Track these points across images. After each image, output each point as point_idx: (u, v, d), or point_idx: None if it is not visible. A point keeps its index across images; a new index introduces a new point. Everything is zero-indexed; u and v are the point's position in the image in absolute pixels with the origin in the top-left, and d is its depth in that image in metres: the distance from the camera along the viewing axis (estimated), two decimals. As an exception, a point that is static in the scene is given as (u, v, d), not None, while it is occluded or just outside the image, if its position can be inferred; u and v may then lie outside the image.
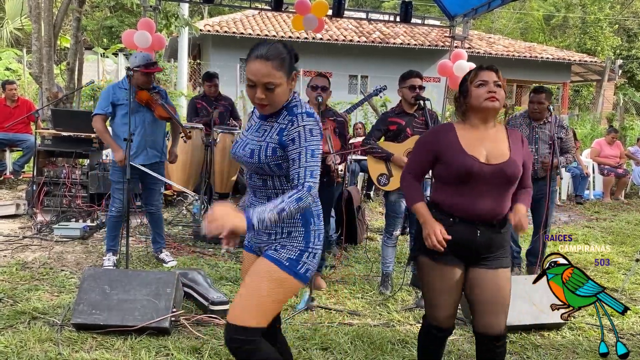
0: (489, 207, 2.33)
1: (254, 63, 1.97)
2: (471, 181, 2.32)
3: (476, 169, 2.30)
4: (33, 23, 7.26)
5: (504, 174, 2.32)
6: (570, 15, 26.36)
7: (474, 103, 2.36)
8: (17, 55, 16.48)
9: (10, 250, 4.82)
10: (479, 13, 7.44)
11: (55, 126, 6.15)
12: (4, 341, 3.01)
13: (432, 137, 2.47)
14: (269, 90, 1.97)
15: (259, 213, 1.89)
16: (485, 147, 2.35)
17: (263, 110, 2.05)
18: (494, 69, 2.37)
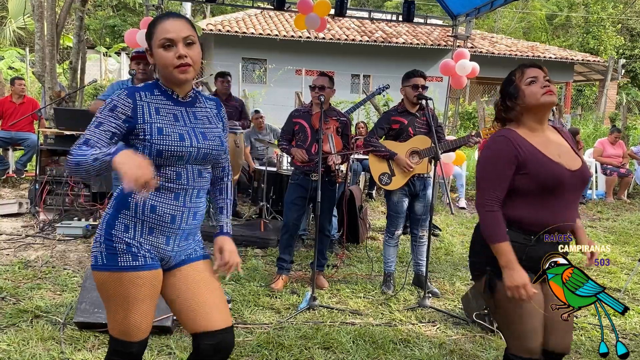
0: (573, 217, 2.16)
1: (167, 22, 1.83)
2: (557, 191, 2.10)
3: (566, 178, 2.10)
4: (36, 22, 7.28)
5: (584, 178, 2.16)
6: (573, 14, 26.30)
7: (531, 101, 2.14)
8: (20, 54, 16.52)
9: (13, 248, 4.83)
10: (481, 12, 7.42)
11: (58, 125, 6.16)
12: (7, 339, 3.02)
13: (509, 147, 2.12)
14: (188, 46, 1.83)
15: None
16: (558, 151, 2.16)
17: (185, 73, 1.84)
18: (538, 66, 2.19)
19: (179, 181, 1.89)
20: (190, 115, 1.95)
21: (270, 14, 17.53)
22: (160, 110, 1.89)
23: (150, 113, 1.86)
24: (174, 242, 1.94)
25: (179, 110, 1.93)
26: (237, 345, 3.13)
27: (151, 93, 1.90)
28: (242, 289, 4.09)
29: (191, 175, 1.91)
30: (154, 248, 1.90)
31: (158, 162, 1.84)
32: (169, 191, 1.88)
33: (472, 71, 7.05)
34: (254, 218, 6.41)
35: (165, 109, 1.90)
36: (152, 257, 1.90)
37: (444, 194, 8.19)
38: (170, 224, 1.90)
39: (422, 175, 4.21)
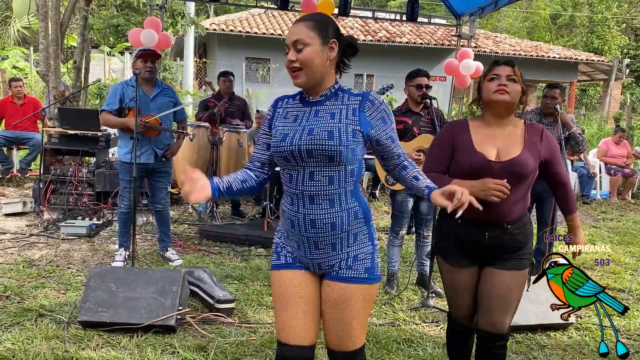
0: (499, 207, 2.24)
1: (292, 27, 1.88)
2: (479, 179, 2.25)
3: (484, 167, 2.25)
4: (40, 22, 7.29)
5: (513, 170, 2.24)
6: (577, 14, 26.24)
7: (485, 97, 2.32)
8: (24, 53, 16.55)
9: (17, 247, 4.84)
10: (485, 12, 7.42)
11: (62, 124, 6.17)
12: (11, 338, 3.02)
13: (448, 133, 2.42)
14: (298, 52, 1.83)
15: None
16: (497, 144, 2.30)
17: (296, 78, 1.86)
18: (510, 64, 2.31)
19: (290, 185, 1.90)
20: (312, 114, 1.90)
21: (274, 14, 17.54)
22: (288, 114, 1.96)
23: (279, 119, 1.97)
24: (303, 248, 1.93)
25: (304, 110, 1.93)
26: (240, 345, 3.13)
27: (293, 99, 1.99)
28: (246, 289, 4.09)
29: (301, 179, 1.87)
30: (293, 251, 1.99)
31: (279, 164, 1.95)
32: (288, 195, 1.95)
33: (476, 71, 7.05)
34: (258, 218, 6.42)
35: (292, 112, 1.95)
36: (294, 258, 1.98)
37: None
38: (292, 229, 1.93)
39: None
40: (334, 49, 1.88)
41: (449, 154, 2.38)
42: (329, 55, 1.86)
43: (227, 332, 3.30)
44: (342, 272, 1.91)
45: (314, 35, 1.83)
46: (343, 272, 1.91)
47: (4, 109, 7.60)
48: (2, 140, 7.30)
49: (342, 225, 1.88)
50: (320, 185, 1.85)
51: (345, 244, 1.90)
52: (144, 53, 4.35)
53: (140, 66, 4.27)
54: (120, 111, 4.34)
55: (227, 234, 5.39)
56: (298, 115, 1.92)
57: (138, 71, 4.16)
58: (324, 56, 1.85)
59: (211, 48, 18.04)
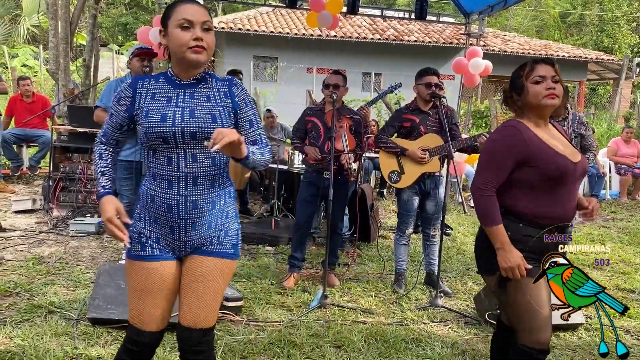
0: (574, 207, 2.23)
1: (188, 6, 1.86)
2: (562, 183, 2.17)
3: (569, 169, 2.16)
4: (50, 20, 7.33)
5: (584, 170, 2.23)
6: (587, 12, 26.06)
7: (532, 101, 2.19)
8: (34, 52, 16.67)
9: (27, 244, 4.87)
10: (495, 10, 7.37)
11: (71, 122, 6.20)
12: (21, 334, 3.04)
13: (515, 139, 2.17)
14: (205, 32, 1.86)
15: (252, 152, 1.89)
16: (560, 144, 2.23)
17: (199, 55, 1.85)
18: (550, 63, 2.20)
19: (170, 167, 1.87)
20: (187, 96, 1.92)
21: (282, 12, 17.53)
22: (156, 94, 1.92)
23: (145, 99, 1.91)
24: (179, 231, 1.92)
25: (176, 92, 1.92)
26: (248, 343, 3.14)
27: (156, 80, 1.96)
28: (254, 287, 4.09)
29: (183, 161, 1.86)
30: (162, 237, 1.94)
31: (150, 146, 1.89)
32: (162, 179, 1.89)
33: (485, 69, 7.01)
34: (265, 216, 6.42)
35: (162, 93, 1.92)
36: (161, 248, 1.94)
37: (456, 192, 8.15)
38: (168, 213, 1.89)
39: (432, 174, 4.19)
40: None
41: (513, 164, 2.17)
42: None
43: (235, 330, 3.31)
44: (212, 247, 1.96)
45: (211, 21, 1.92)
46: (213, 247, 1.96)
47: (13, 107, 7.64)
48: (12, 138, 7.35)
49: (221, 204, 1.96)
50: (204, 167, 1.89)
51: (220, 222, 1.97)
52: (140, 52, 4.31)
53: (137, 65, 4.23)
54: None
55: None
56: (171, 97, 1.91)
57: (147, 69, 4.15)
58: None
59: (219, 46, 18.04)
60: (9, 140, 7.28)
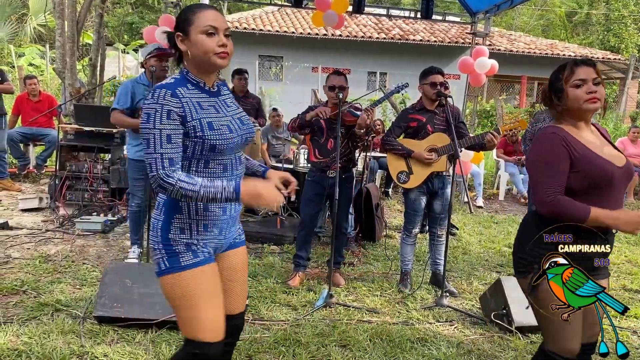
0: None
1: (210, 12, 1.87)
2: (607, 188, 2.11)
3: (617, 175, 2.11)
4: (57, 19, 7.35)
5: (630, 174, 2.15)
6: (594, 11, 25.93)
7: (573, 105, 2.13)
8: (41, 51, 16.73)
9: (33, 243, 4.89)
10: (501, 9, 7.36)
11: (78, 121, 6.22)
12: (28, 332, 3.06)
13: (561, 144, 2.10)
14: (227, 38, 1.90)
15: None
16: (603, 148, 2.16)
17: (224, 60, 1.88)
18: (591, 64, 2.12)
19: (225, 174, 1.92)
20: (223, 104, 1.98)
21: (287, 11, 17.54)
22: (202, 104, 1.88)
23: (195, 108, 1.84)
24: (225, 231, 2.00)
25: (214, 101, 1.94)
26: (254, 342, 3.14)
27: (186, 88, 1.87)
28: (259, 286, 4.10)
29: (234, 165, 1.96)
30: (209, 242, 1.95)
31: (207, 158, 1.87)
32: None
33: (491, 69, 7.00)
34: (270, 215, 6.43)
35: (205, 102, 1.90)
36: (209, 252, 1.96)
37: (461, 192, 8.14)
38: (222, 216, 1.95)
39: (440, 174, 4.18)
40: None
41: (569, 168, 2.11)
42: None
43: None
44: (240, 237, 2.13)
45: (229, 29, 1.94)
46: (240, 236, 2.13)
47: (20, 106, 7.68)
48: (18, 137, 7.38)
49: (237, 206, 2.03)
50: (243, 165, 2.05)
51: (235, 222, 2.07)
52: (160, 52, 4.33)
53: (156, 65, 4.24)
54: (132, 110, 4.30)
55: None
56: (214, 106, 1.92)
57: (154, 68, 4.14)
58: None
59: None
60: (16, 139, 7.31)
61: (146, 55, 4.33)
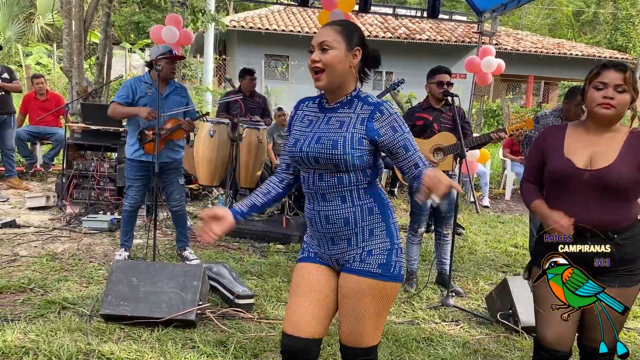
0: (593, 216, 2.11)
1: (321, 30, 1.94)
2: (567, 187, 2.16)
3: (571, 174, 2.14)
4: (64, 18, 7.39)
5: (605, 180, 2.10)
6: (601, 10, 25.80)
7: (588, 106, 2.16)
8: (48, 50, 16.81)
9: (40, 241, 4.92)
10: (508, 9, 7.34)
11: (85, 120, 6.25)
12: (35, 330, 3.07)
13: (541, 138, 2.31)
14: (323, 52, 1.87)
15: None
16: (593, 150, 2.15)
17: (318, 80, 1.89)
18: (621, 69, 2.08)
19: (305, 184, 1.99)
20: (324, 121, 1.96)
21: (293, 10, 17.55)
22: (305, 118, 2.02)
23: (297, 121, 2.04)
24: (323, 245, 2.00)
25: (319, 116, 1.99)
26: (260, 340, 3.15)
27: (313, 101, 2.06)
28: (265, 284, 4.10)
29: (312, 179, 1.95)
30: (316, 248, 2.05)
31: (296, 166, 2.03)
32: (305, 194, 2.03)
33: (497, 68, 6.98)
34: (276, 214, 6.43)
35: (309, 116, 2.01)
36: (316, 254, 2.05)
37: (467, 192, 8.11)
38: (311, 227, 2.01)
39: (446, 173, 4.16)
40: (357, 56, 1.92)
41: (540, 161, 2.28)
42: (351, 61, 1.91)
43: (247, 328, 3.32)
44: (355, 265, 1.93)
45: (340, 40, 1.88)
46: (356, 264, 1.93)
47: (27, 104, 7.72)
48: (26, 135, 7.42)
49: (356, 220, 1.92)
50: (330, 185, 1.92)
51: (361, 239, 1.93)
52: (173, 56, 4.29)
53: (166, 67, 4.22)
54: (130, 105, 4.26)
55: (247, 230, 5.41)
56: (312, 121, 1.99)
57: (160, 67, 4.13)
58: (347, 62, 1.89)
59: (230, 45, 18.12)
60: (23, 137, 7.35)
61: (157, 54, 4.26)
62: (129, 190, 4.40)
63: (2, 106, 6.79)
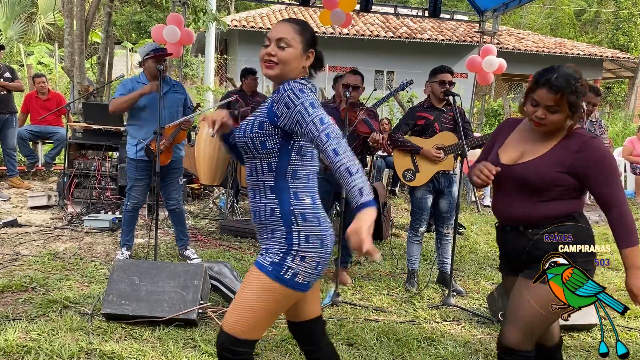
0: (514, 211, 2.20)
1: (277, 25, 1.99)
2: (497, 182, 2.23)
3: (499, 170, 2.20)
4: (65, 18, 7.38)
5: (520, 177, 2.15)
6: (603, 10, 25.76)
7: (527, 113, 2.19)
8: (49, 49, 16.82)
9: (42, 240, 4.93)
10: (509, 8, 7.32)
11: (86, 119, 6.26)
12: (37, 329, 3.08)
13: (498, 128, 2.42)
14: (279, 48, 1.91)
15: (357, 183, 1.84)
16: (525, 147, 2.21)
17: (268, 70, 1.92)
18: (554, 89, 2.02)
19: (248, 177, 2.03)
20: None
21: (295, 10, 17.53)
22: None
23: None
24: (260, 235, 2.03)
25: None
26: (261, 339, 3.14)
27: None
28: (266, 284, 4.10)
29: (247, 172, 2.02)
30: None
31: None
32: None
33: (499, 67, 6.97)
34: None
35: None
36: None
37: (469, 191, 8.11)
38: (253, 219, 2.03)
39: (447, 172, 4.17)
40: (310, 58, 1.99)
41: (490, 150, 2.36)
42: (305, 62, 1.98)
43: (248, 327, 3.31)
44: (257, 257, 2.01)
45: (298, 40, 1.94)
46: (258, 257, 1.98)
47: (29, 104, 7.73)
48: (27, 135, 7.43)
49: (260, 216, 1.97)
50: (249, 174, 2.00)
51: (265, 235, 1.98)
52: (156, 55, 4.21)
53: (152, 66, 4.17)
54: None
55: (248, 229, 5.41)
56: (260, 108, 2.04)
57: (162, 67, 4.10)
58: (300, 61, 1.96)
59: (232, 44, 18.11)
60: (25, 137, 7.36)
61: (144, 55, 4.22)
62: (131, 190, 4.39)
63: (4, 105, 6.81)
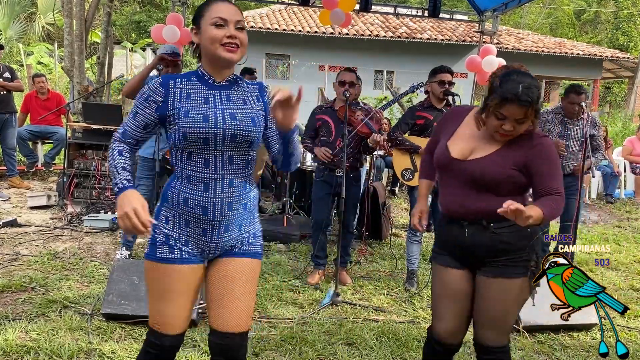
0: (466, 205, 2.13)
1: (221, 4, 1.87)
2: (446, 174, 2.21)
3: (447, 163, 2.17)
4: (65, 18, 7.39)
5: (471, 173, 2.10)
6: (602, 10, 25.77)
7: (487, 127, 2.12)
8: (49, 49, 16.82)
9: (42, 240, 4.93)
10: (509, 8, 7.33)
11: (86, 119, 6.26)
12: (37, 329, 3.08)
13: (443, 117, 2.41)
14: (238, 30, 1.85)
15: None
16: (475, 143, 2.15)
17: (232, 54, 1.84)
18: (524, 104, 1.97)
19: (207, 170, 1.85)
20: (224, 97, 1.90)
21: (294, 10, 17.54)
22: (192, 94, 1.88)
23: (180, 98, 1.86)
24: (211, 233, 1.89)
25: (212, 93, 1.90)
26: (260, 339, 3.15)
27: (188, 80, 1.91)
28: (266, 284, 4.11)
29: (220, 163, 1.85)
30: (192, 240, 1.90)
31: (187, 148, 1.85)
32: (198, 181, 1.86)
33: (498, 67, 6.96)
34: (277, 213, 6.43)
35: (197, 93, 1.89)
36: (190, 251, 1.91)
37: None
38: (203, 216, 1.86)
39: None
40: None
41: (438, 138, 2.30)
42: None
43: (248, 327, 3.32)
44: (244, 248, 1.97)
45: (244, 22, 1.92)
46: (245, 248, 1.97)
47: (29, 104, 7.73)
48: (27, 135, 7.43)
49: (251, 205, 1.97)
50: (240, 169, 1.90)
51: (248, 222, 1.98)
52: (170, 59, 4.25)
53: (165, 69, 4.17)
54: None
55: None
56: (207, 98, 1.89)
57: (161, 67, 4.12)
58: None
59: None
60: (24, 136, 7.36)
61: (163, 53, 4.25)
62: (139, 189, 4.37)
63: (4, 105, 6.80)
